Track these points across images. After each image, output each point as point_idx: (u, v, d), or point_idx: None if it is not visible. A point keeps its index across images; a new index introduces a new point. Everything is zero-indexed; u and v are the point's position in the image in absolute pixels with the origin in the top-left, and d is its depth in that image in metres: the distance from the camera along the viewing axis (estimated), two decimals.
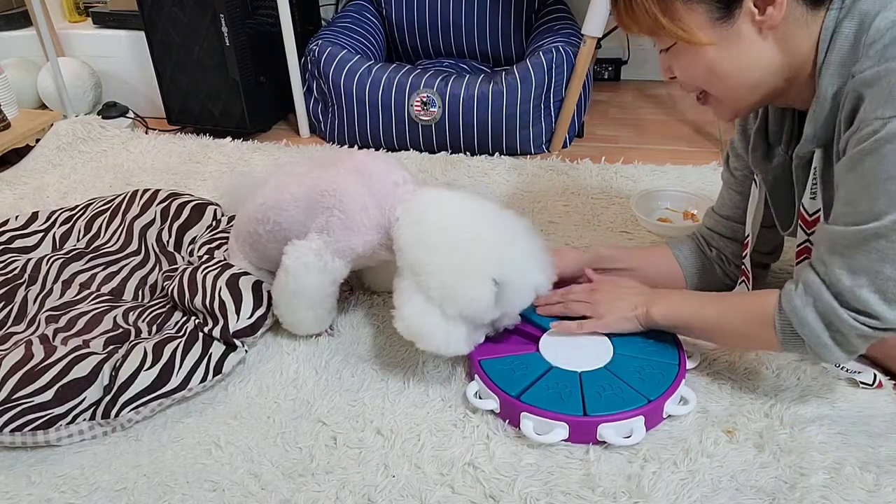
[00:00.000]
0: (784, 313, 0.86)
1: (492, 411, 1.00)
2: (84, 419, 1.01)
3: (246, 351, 1.13)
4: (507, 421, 0.99)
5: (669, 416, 0.98)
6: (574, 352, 1.04)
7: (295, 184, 1.12)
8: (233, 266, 1.20)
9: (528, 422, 0.95)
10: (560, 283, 1.09)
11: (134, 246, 1.41)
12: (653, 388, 0.97)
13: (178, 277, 1.22)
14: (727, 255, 1.14)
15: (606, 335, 1.07)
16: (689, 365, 1.04)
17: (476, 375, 1.03)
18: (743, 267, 1.09)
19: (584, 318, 1.06)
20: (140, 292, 1.31)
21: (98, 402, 1.02)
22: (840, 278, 0.82)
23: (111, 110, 2.10)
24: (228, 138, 2.00)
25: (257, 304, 1.14)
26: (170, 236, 1.41)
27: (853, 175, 0.80)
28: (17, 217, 1.50)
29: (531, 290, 1.01)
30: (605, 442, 0.93)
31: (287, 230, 1.13)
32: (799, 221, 0.97)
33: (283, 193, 1.13)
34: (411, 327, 0.99)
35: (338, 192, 1.06)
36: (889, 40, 0.78)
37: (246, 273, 1.19)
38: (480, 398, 1.01)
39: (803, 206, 0.95)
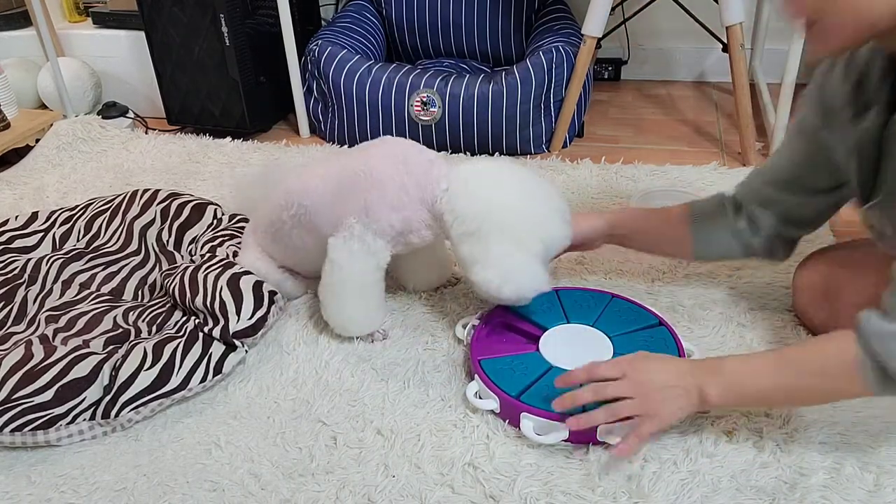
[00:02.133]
0: (869, 346, 0.77)
1: (492, 411, 1.00)
2: (84, 419, 1.01)
3: (246, 351, 1.13)
4: (507, 421, 0.99)
5: None
6: (574, 352, 1.04)
7: (322, 167, 1.15)
8: (234, 266, 1.20)
9: (528, 422, 0.95)
10: (572, 248, 1.13)
11: (134, 246, 1.41)
12: None
13: (178, 276, 1.22)
14: (761, 226, 1.06)
15: (605, 333, 1.07)
16: None
17: (476, 375, 1.03)
18: None
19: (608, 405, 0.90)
20: (140, 292, 1.31)
21: (98, 402, 1.02)
22: None
23: (111, 110, 2.10)
24: (228, 138, 2.00)
25: (258, 305, 1.14)
26: (170, 236, 1.41)
27: None
28: (17, 217, 1.50)
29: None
30: (605, 442, 0.93)
31: (313, 213, 1.13)
32: None
33: (309, 177, 1.15)
34: (505, 271, 1.02)
35: (373, 172, 1.08)
36: None
37: (247, 273, 1.19)
38: (480, 398, 1.01)
39: None
